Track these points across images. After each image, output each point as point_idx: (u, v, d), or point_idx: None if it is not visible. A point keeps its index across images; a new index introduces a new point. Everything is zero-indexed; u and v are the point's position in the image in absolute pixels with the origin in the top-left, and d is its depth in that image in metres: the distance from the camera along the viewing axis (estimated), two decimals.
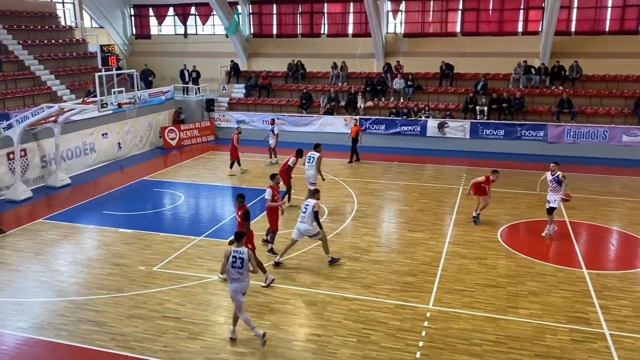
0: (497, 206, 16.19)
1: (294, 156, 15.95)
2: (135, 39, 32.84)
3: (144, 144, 24.32)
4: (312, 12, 29.23)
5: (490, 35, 26.43)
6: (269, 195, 12.65)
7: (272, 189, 12.72)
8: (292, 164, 15.90)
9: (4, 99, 19.88)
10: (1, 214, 15.60)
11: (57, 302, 10.65)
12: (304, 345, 9.12)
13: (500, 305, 10.42)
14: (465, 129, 23.72)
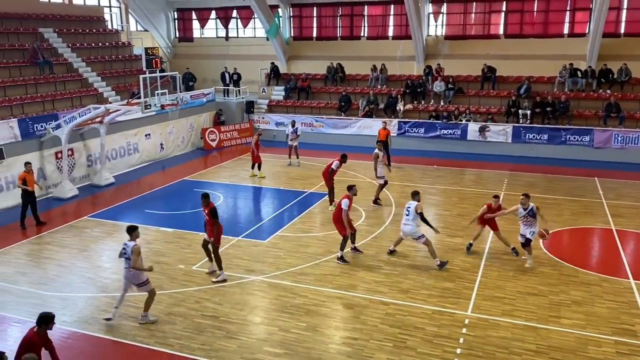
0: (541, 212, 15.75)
1: (338, 160, 16.01)
2: (179, 41, 33.56)
3: (186, 145, 24.81)
4: (352, 15, 29.23)
5: (535, 37, 25.85)
6: (345, 206, 12.29)
7: (349, 199, 12.44)
8: (335, 167, 15.96)
9: (54, 100, 20.62)
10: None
11: (100, 297, 10.96)
12: (339, 348, 9.10)
13: (542, 314, 10.15)
14: (507, 133, 23.23)
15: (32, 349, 7.05)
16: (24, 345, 7.18)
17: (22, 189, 14.79)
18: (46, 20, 23.72)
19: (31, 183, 14.99)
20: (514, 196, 17.33)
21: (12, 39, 21.78)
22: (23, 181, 14.79)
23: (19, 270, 12.15)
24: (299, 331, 9.59)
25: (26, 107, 19.44)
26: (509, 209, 12.73)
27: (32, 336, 7.27)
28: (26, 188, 14.77)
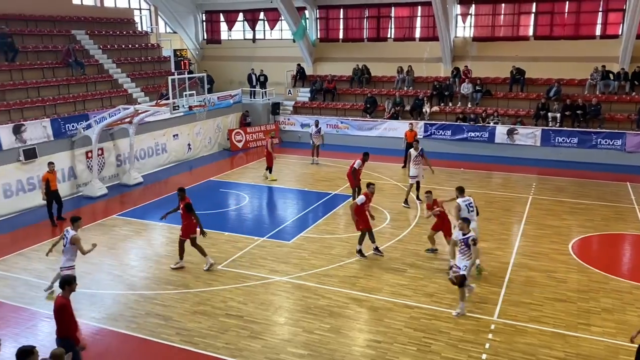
0: (570, 217, 15.50)
1: (360, 159, 16.09)
2: (206, 43, 33.93)
3: (212, 146, 25.07)
4: (379, 16, 29.13)
5: (565, 39, 25.35)
6: (360, 201, 12.61)
7: (367, 197, 12.65)
8: (357, 167, 16.03)
9: (85, 100, 21.05)
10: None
11: (127, 295, 11.14)
12: (363, 351, 9.07)
13: (571, 321, 9.94)
14: (536, 136, 22.85)
15: (65, 311, 7.53)
16: (59, 310, 7.55)
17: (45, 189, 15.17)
18: (79, 23, 24.24)
19: (54, 183, 15.34)
20: (542, 200, 17.08)
21: (46, 40, 22.32)
22: (46, 182, 15.14)
23: (50, 267, 12.41)
24: (322, 333, 9.60)
25: (58, 107, 19.89)
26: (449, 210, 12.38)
27: (61, 300, 7.62)
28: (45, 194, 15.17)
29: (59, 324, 7.60)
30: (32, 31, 22.09)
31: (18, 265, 12.63)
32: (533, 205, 16.64)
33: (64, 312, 7.54)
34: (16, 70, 19.82)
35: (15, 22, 21.54)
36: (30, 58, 20.90)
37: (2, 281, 11.78)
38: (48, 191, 15.15)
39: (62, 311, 7.54)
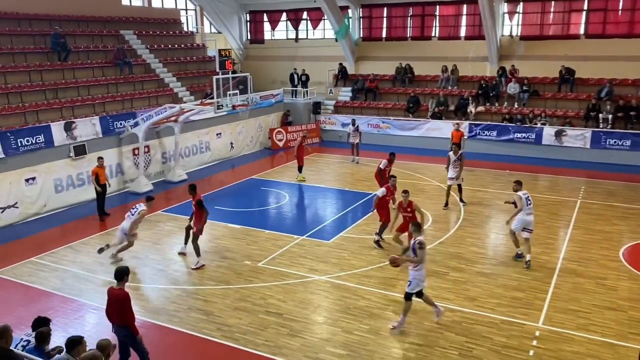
0: (621, 223, 14.90)
1: (387, 159, 16.24)
2: (250, 43, 34.30)
3: (254, 145, 25.33)
4: (424, 15, 28.76)
5: (619, 37, 24.36)
6: (381, 193, 13.35)
7: (387, 189, 13.40)
8: (382, 167, 16.18)
9: (132, 99, 21.61)
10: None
11: (170, 289, 11.36)
12: (402, 354, 8.95)
13: (621, 330, 9.54)
14: (586, 138, 22.07)
15: (129, 301, 7.90)
16: (124, 300, 7.87)
17: (95, 183, 15.68)
18: (127, 23, 24.91)
19: (103, 177, 15.81)
20: (591, 205, 16.49)
21: (96, 41, 23.04)
22: (96, 175, 15.62)
23: (97, 260, 12.82)
24: (361, 333, 9.53)
25: (107, 105, 20.49)
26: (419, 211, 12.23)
27: (122, 291, 7.94)
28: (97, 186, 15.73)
29: (120, 314, 7.87)
30: (83, 32, 22.84)
31: (67, 257, 13.07)
32: (582, 210, 16.08)
33: (128, 302, 7.86)
34: (68, 70, 20.53)
35: (67, 23, 22.32)
36: (81, 58, 21.61)
37: (52, 273, 12.22)
38: (98, 184, 15.64)
39: (127, 301, 7.85)
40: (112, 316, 8.02)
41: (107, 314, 8.11)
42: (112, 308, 7.95)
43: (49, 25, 21.24)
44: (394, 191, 13.67)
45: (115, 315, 7.95)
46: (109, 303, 8.01)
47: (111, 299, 7.96)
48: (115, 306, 7.89)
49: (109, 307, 8.03)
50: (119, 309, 7.87)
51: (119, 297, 7.87)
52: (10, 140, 15.57)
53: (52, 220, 15.92)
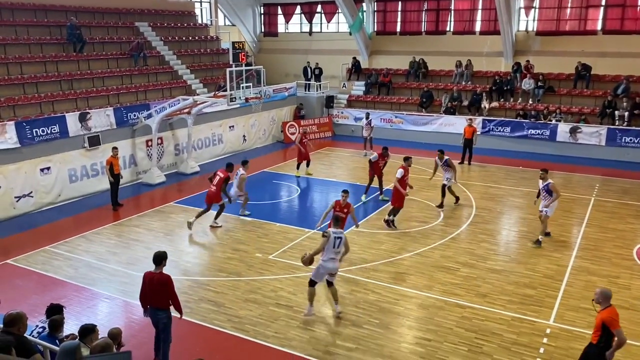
0: (635, 221, 14.75)
1: (379, 153, 16.63)
2: (264, 36, 34.28)
3: (267, 138, 25.38)
4: (439, 9, 28.53)
5: (637, 33, 23.96)
6: (399, 175, 13.90)
7: (404, 169, 14.02)
8: (373, 159, 16.55)
9: (146, 90, 21.74)
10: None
11: (182, 280, 11.44)
12: (412, 348, 8.96)
13: (634, 330, 9.46)
14: (601, 136, 21.83)
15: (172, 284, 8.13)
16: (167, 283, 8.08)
17: (109, 173, 15.78)
18: (142, 15, 25.03)
19: (117, 167, 15.93)
20: (605, 202, 16.33)
21: (111, 32, 23.19)
22: (110, 165, 15.73)
23: (110, 250, 12.95)
24: (371, 327, 9.55)
25: (121, 97, 20.64)
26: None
27: (164, 275, 8.10)
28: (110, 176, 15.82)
29: (163, 297, 8.09)
30: (98, 23, 23.00)
31: (80, 247, 13.22)
32: (595, 207, 15.93)
33: (172, 284, 8.11)
34: (83, 61, 20.70)
35: (83, 14, 22.48)
36: (97, 49, 21.77)
37: (66, 262, 12.37)
38: (112, 174, 15.77)
39: (171, 284, 8.08)
40: (153, 300, 8.16)
41: (144, 299, 8.24)
42: (154, 292, 8.07)
43: (64, 17, 21.42)
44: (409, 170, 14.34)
45: (157, 299, 8.12)
46: (149, 287, 8.11)
47: (153, 283, 8.06)
48: (159, 289, 8.04)
49: (148, 291, 8.14)
50: (163, 293, 8.05)
51: (162, 281, 8.02)
52: (26, 130, 15.74)
53: (66, 210, 16.10)
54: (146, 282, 8.17)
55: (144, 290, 8.20)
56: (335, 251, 9.57)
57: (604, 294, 7.19)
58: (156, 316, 8.24)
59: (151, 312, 8.29)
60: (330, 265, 9.62)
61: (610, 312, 7.10)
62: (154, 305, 8.21)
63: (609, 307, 7.14)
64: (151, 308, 8.26)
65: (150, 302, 8.22)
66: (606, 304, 7.17)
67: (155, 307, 8.20)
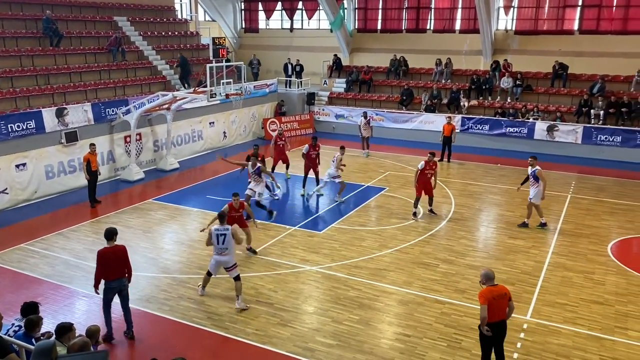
0: (610, 218, 15.05)
1: (309, 144, 17.00)
2: (244, 32, 34.10)
3: (247, 134, 25.28)
4: (419, 7, 28.67)
5: (613, 33, 24.44)
6: (421, 166, 14.60)
7: (425, 162, 14.65)
8: (305, 151, 16.85)
9: (125, 86, 21.46)
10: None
11: (161, 277, 11.36)
12: (392, 344, 9.03)
13: (607, 324, 9.67)
14: (578, 134, 22.21)
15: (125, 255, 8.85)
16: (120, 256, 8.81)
17: (86, 170, 15.55)
18: (120, 9, 24.69)
19: (94, 164, 15.71)
20: (581, 200, 16.63)
21: (89, 26, 22.82)
22: (87, 162, 15.51)
23: (88, 247, 12.78)
24: (351, 324, 9.59)
25: (99, 92, 20.34)
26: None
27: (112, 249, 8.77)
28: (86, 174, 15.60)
29: (125, 267, 8.81)
30: (76, 17, 22.61)
31: (57, 244, 13.02)
32: (572, 204, 16.22)
33: (127, 253, 8.87)
34: (60, 55, 20.34)
35: (60, 7, 22.08)
36: (74, 43, 21.42)
37: (43, 259, 12.17)
38: (89, 171, 15.54)
39: (127, 252, 8.85)
40: (119, 271, 8.75)
41: (109, 273, 8.70)
42: (121, 263, 8.73)
43: (40, 10, 21.01)
44: (433, 166, 14.82)
45: (122, 268, 8.77)
46: (115, 261, 8.68)
47: (118, 256, 8.71)
48: (124, 259, 8.77)
49: (114, 265, 8.67)
50: (124, 262, 8.78)
51: (124, 251, 8.80)
52: (1, 126, 15.42)
53: (43, 207, 15.84)
54: (110, 257, 8.68)
55: (109, 265, 8.66)
56: (220, 247, 10.01)
57: (485, 275, 7.73)
58: (122, 284, 8.87)
59: (117, 284, 8.81)
60: (221, 258, 10.09)
61: (484, 290, 7.62)
62: (121, 275, 8.82)
63: (489, 286, 7.62)
64: (117, 280, 8.77)
65: (119, 274, 8.78)
66: (489, 283, 7.66)
67: (122, 276, 8.83)
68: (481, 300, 7.54)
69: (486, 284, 7.66)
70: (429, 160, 14.73)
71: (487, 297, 7.50)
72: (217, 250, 10.09)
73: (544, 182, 13.90)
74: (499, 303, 7.57)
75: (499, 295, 7.57)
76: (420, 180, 14.70)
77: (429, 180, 14.83)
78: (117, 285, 8.81)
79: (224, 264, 10.15)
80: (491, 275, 7.69)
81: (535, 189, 13.98)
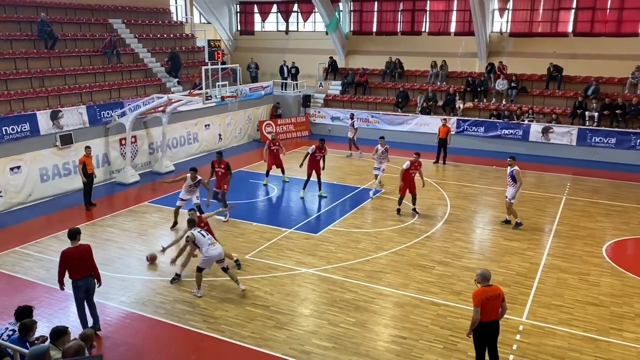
0: (605, 220, 15.10)
1: (316, 145, 16.96)
2: (240, 34, 34.08)
3: (243, 136, 25.25)
4: (414, 10, 28.75)
5: (607, 36, 24.55)
6: (405, 166, 14.91)
7: (411, 162, 14.96)
8: (310, 151, 16.84)
9: (120, 88, 21.40)
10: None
11: (157, 280, 11.32)
12: (388, 346, 9.02)
13: (602, 325, 9.70)
14: (572, 135, 22.29)
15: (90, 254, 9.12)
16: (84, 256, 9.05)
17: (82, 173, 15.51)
18: (115, 12, 24.62)
19: (90, 166, 15.67)
20: (576, 201, 16.69)
21: (84, 29, 22.75)
22: (83, 165, 15.47)
23: None
24: (347, 326, 9.59)
25: (94, 94, 20.27)
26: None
27: (76, 249, 9.01)
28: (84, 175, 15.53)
29: (90, 265, 9.06)
30: (71, 19, 22.53)
31: (52, 247, 12.96)
32: (567, 206, 16.27)
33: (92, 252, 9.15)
34: (55, 58, 20.27)
35: (54, 10, 22.01)
36: (69, 46, 21.34)
37: (37, 263, 12.12)
38: (85, 174, 15.50)
39: (91, 252, 9.12)
40: (85, 269, 9.00)
41: (74, 273, 8.93)
42: (85, 261, 8.99)
43: (35, 12, 20.94)
44: (417, 166, 15.12)
45: (87, 267, 9.04)
46: (80, 260, 8.92)
47: (82, 255, 8.95)
48: (89, 257, 9.04)
49: (78, 264, 8.92)
50: (89, 261, 9.03)
51: (89, 250, 9.09)
52: None
53: (38, 210, 15.77)
54: (75, 256, 8.91)
55: (73, 264, 8.90)
56: (209, 241, 10.54)
57: (481, 275, 7.78)
58: (89, 283, 9.11)
59: (84, 282, 9.03)
60: (214, 252, 10.48)
61: (478, 290, 7.69)
62: (87, 273, 9.07)
63: (483, 287, 7.69)
64: (84, 279, 9.01)
65: (85, 272, 9.01)
66: (484, 284, 7.71)
67: (88, 275, 9.08)
68: (474, 302, 7.58)
69: (481, 284, 7.68)
70: (414, 160, 15.01)
71: (480, 299, 7.54)
72: (207, 247, 10.46)
73: (519, 183, 14.15)
74: (492, 304, 7.61)
75: (492, 296, 7.60)
76: (404, 180, 14.99)
77: (413, 179, 15.13)
78: (84, 284, 9.01)
79: (218, 257, 10.51)
80: (487, 276, 7.72)
81: (513, 189, 14.26)
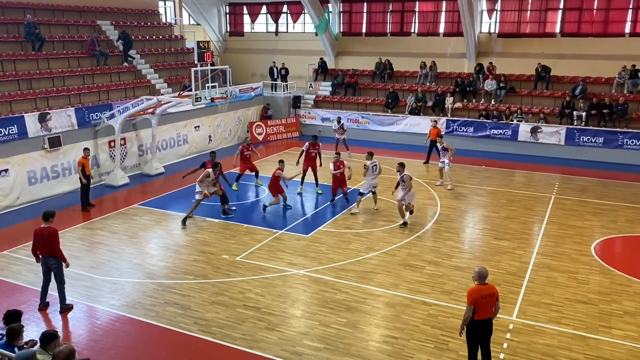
0: (593, 218, 15.24)
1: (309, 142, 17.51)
2: (229, 36, 34.02)
3: (233, 138, 25.19)
4: (403, 11, 28.86)
5: (593, 36, 24.81)
6: (305, 148, 16.43)
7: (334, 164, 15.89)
8: (305, 149, 17.41)
9: (108, 90, 21.27)
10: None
11: (147, 283, 11.26)
12: (379, 346, 9.04)
13: (591, 323, 9.78)
14: (561, 135, 22.48)
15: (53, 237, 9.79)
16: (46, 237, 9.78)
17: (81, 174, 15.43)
18: (104, 13, 24.48)
19: (87, 168, 15.59)
20: (565, 200, 16.82)
21: (72, 30, 22.60)
22: (82, 166, 15.39)
23: (72, 254, 12.60)
24: (339, 327, 9.59)
25: (83, 96, 20.13)
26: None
27: (42, 229, 9.81)
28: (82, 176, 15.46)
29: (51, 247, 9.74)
30: (58, 21, 22.38)
31: None
32: (555, 205, 16.40)
33: (57, 236, 9.84)
34: (42, 60, 20.12)
35: (42, 11, 21.85)
36: (57, 48, 21.19)
37: (25, 266, 12.01)
38: (84, 175, 15.41)
39: (56, 235, 9.81)
40: (43, 249, 9.80)
41: (37, 250, 9.87)
42: (45, 242, 9.74)
43: (22, 14, 20.77)
44: (340, 165, 16.03)
45: (47, 248, 9.76)
46: (40, 240, 9.76)
47: (43, 236, 9.73)
48: (48, 240, 9.71)
49: (39, 243, 9.79)
50: (50, 242, 9.71)
51: (51, 233, 9.74)
52: None
53: (26, 213, 15.62)
54: (37, 235, 9.79)
55: (36, 243, 9.82)
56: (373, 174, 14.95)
57: (479, 273, 7.77)
58: (48, 263, 9.87)
59: (43, 260, 9.90)
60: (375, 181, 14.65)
61: (473, 288, 7.73)
62: (45, 253, 9.82)
63: (479, 285, 7.72)
64: (43, 256, 9.87)
65: (42, 252, 9.82)
66: (480, 282, 7.75)
67: (46, 255, 9.83)
68: (468, 300, 7.63)
69: (477, 282, 7.74)
70: (335, 160, 16.06)
71: (474, 297, 7.58)
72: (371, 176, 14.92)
73: (409, 188, 14.44)
74: (486, 302, 7.66)
75: (486, 295, 7.65)
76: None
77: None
78: (44, 261, 9.90)
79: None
80: (484, 275, 7.75)
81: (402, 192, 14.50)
